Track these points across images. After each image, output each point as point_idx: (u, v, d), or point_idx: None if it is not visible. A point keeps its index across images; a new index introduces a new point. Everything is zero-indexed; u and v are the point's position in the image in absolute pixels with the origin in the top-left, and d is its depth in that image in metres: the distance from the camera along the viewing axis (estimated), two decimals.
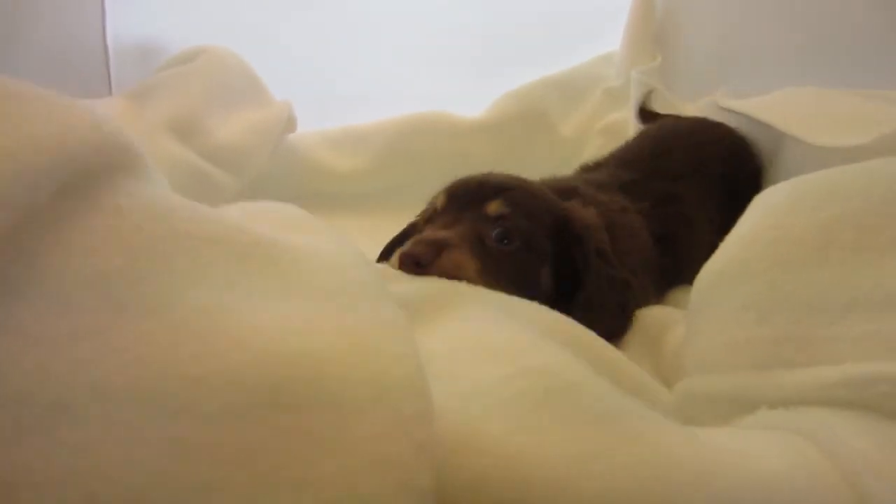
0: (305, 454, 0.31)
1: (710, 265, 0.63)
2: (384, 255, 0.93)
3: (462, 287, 0.67)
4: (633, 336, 0.86)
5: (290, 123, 1.53)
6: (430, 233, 0.75)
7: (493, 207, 0.77)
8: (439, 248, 0.71)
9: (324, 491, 0.31)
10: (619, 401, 0.43)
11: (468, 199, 0.78)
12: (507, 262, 0.75)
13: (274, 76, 1.59)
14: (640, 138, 1.22)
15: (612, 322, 0.80)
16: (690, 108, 1.48)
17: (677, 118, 1.38)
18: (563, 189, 0.92)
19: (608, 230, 0.87)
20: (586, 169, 1.15)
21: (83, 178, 0.35)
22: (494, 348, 0.49)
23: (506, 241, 0.76)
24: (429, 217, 0.83)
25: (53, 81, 1.37)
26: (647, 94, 1.51)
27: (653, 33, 1.64)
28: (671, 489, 0.36)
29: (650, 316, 0.89)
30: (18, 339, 0.30)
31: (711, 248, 1.04)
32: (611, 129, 1.59)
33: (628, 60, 1.62)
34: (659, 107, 1.50)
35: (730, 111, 1.28)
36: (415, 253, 0.69)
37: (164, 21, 1.67)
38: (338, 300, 0.40)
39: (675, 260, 0.99)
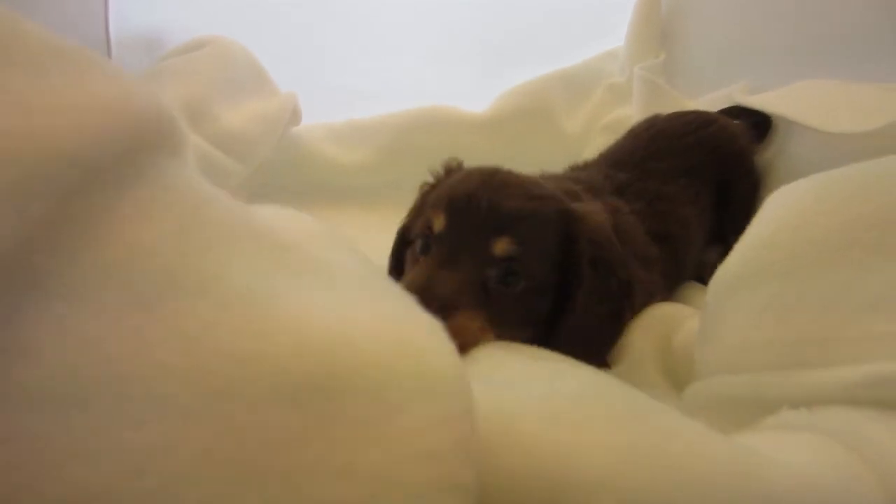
0: (350, 442, 0.31)
1: (728, 265, 0.63)
2: (391, 272, 0.89)
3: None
4: (641, 333, 0.86)
5: (294, 116, 1.53)
6: (431, 277, 0.68)
7: (501, 247, 0.69)
8: (445, 310, 0.63)
9: (369, 479, 0.31)
10: (650, 401, 0.43)
11: (473, 230, 0.70)
12: (510, 304, 0.70)
13: (279, 69, 1.58)
14: (631, 138, 1.20)
15: (599, 337, 0.77)
16: (693, 104, 1.48)
17: (669, 116, 1.36)
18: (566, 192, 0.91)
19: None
20: (575, 169, 1.13)
21: (140, 145, 0.34)
22: (524, 359, 0.50)
23: (510, 282, 0.70)
24: (423, 233, 0.76)
25: None
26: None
27: (657, 30, 1.64)
28: (711, 487, 0.37)
29: (659, 313, 0.89)
30: (63, 296, 0.29)
31: (701, 246, 1.06)
32: (615, 125, 1.58)
33: (633, 57, 1.62)
34: (662, 104, 1.50)
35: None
36: None
37: (167, 11, 1.66)
38: (376, 300, 0.40)
39: (674, 259, 0.99)
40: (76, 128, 0.30)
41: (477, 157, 1.55)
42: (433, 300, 0.63)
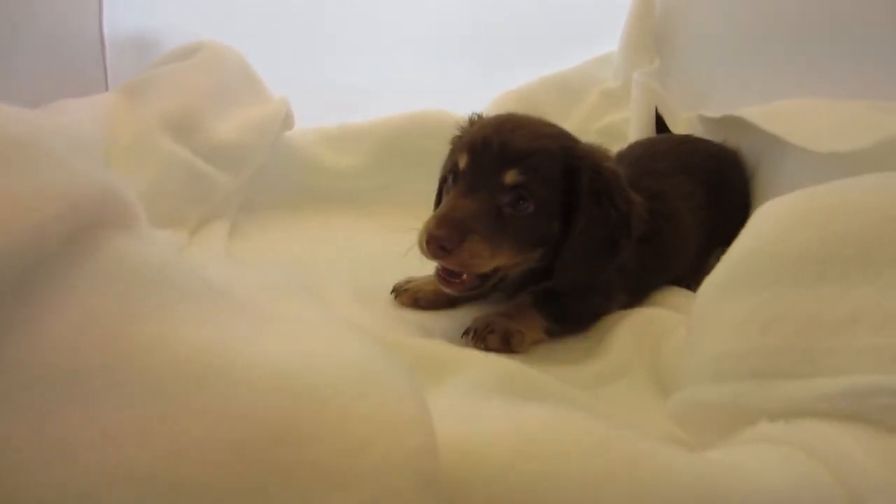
0: (310, 490, 0.31)
1: (713, 277, 0.64)
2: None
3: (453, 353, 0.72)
4: (630, 339, 0.87)
5: (287, 120, 1.53)
6: (453, 206, 0.82)
7: (510, 177, 0.83)
8: (462, 233, 0.79)
9: None
10: (619, 428, 0.43)
11: (488, 164, 0.84)
12: (520, 226, 0.84)
13: (272, 72, 1.58)
14: (631, 146, 1.24)
15: (594, 260, 0.88)
16: (685, 116, 1.49)
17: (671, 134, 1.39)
18: None
19: None
20: None
21: (88, 226, 0.36)
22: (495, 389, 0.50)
23: (520, 205, 0.83)
24: (452, 171, 0.89)
25: (49, 74, 1.37)
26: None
27: (652, 35, 1.64)
28: None
29: (648, 319, 0.90)
30: (17, 378, 0.30)
31: (696, 247, 1.08)
32: (608, 130, 1.59)
33: (627, 62, 1.62)
34: (661, 110, 1.50)
35: (719, 124, 1.30)
36: (440, 237, 0.78)
37: (162, 14, 1.66)
38: (336, 344, 0.40)
39: (658, 256, 1.00)
40: (16, 219, 0.32)
41: None
42: (451, 225, 0.79)
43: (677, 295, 1.03)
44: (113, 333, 0.33)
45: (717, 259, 1.09)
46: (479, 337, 0.86)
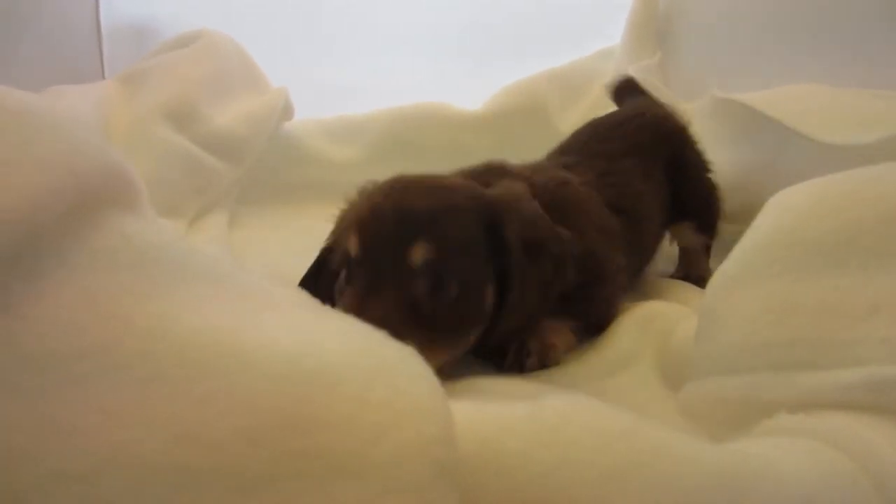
0: (321, 479, 0.30)
1: (726, 267, 0.63)
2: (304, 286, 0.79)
3: None
4: (636, 332, 0.86)
5: (286, 111, 1.52)
6: (357, 311, 0.59)
7: (417, 255, 0.63)
8: None
9: None
10: (637, 418, 0.42)
11: (385, 247, 0.64)
12: (447, 312, 0.65)
13: (271, 63, 1.57)
14: (575, 132, 1.18)
15: (532, 314, 0.72)
16: (687, 106, 1.48)
17: (608, 113, 1.34)
18: (492, 171, 0.84)
19: (554, 209, 0.78)
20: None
21: (90, 201, 0.35)
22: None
23: (440, 288, 0.64)
24: (345, 262, 0.69)
25: (46, 64, 1.36)
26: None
27: (654, 29, 1.63)
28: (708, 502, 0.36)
29: (653, 312, 0.89)
30: (14, 358, 0.29)
31: (659, 225, 1.06)
32: None
33: (629, 56, 1.61)
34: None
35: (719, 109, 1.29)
36: None
37: (159, 3, 1.65)
38: (347, 331, 0.39)
39: (632, 234, 0.95)
40: (11, 190, 0.30)
41: (469, 154, 1.54)
42: None
43: (681, 287, 1.03)
44: (114, 313, 0.32)
45: (678, 235, 1.11)
46: (518, 363, 0.75)
